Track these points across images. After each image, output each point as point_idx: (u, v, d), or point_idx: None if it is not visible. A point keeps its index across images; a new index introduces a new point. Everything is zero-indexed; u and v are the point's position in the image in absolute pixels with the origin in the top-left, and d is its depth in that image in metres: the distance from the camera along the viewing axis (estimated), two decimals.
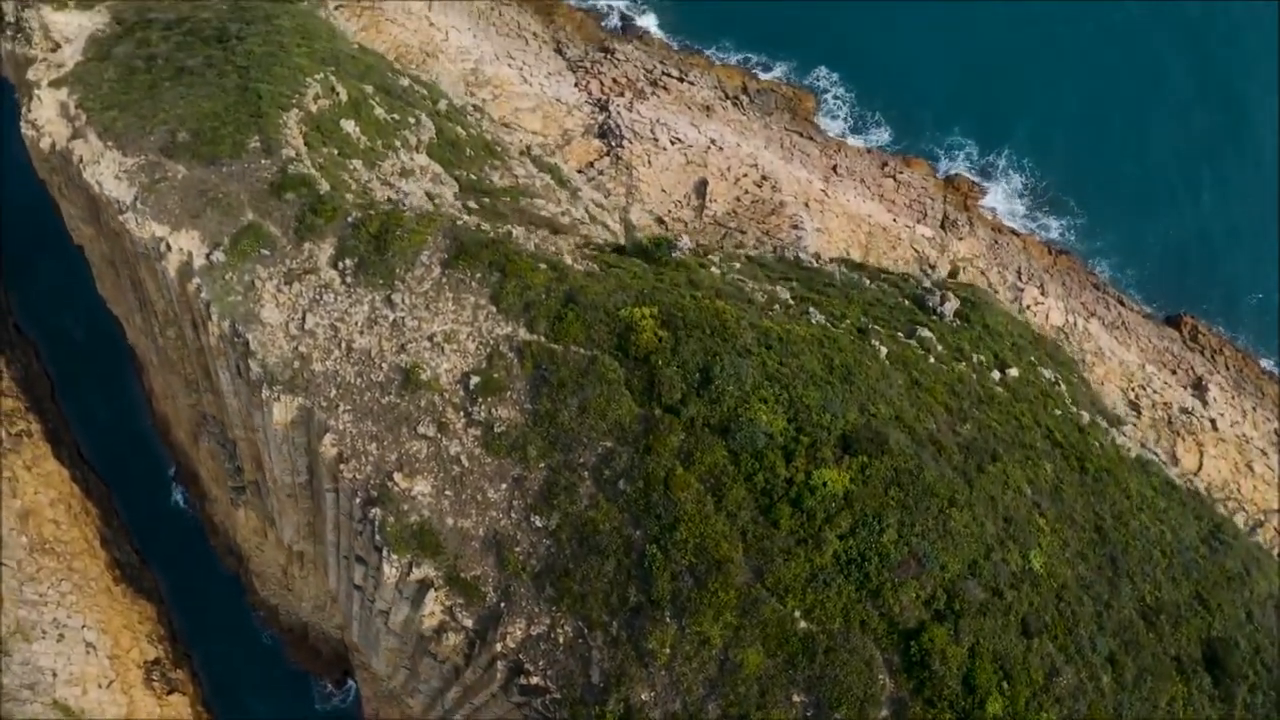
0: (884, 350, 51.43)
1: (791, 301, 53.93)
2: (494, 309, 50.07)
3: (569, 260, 52.00)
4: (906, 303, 59.59)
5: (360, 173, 58.62)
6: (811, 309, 53.06)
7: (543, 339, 49.00)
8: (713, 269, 55.37)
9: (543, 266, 50.60)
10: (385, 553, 48.48)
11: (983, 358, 56.69)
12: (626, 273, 51.41)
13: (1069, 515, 50.67)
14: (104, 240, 66.59)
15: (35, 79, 66.32)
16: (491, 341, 49.52)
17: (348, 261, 51.61)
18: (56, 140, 63.80)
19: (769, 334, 48.48)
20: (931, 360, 53.72)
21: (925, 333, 55.53)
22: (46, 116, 64.95)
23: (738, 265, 57.30)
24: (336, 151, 59.32)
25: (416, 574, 48.45)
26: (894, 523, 44.94)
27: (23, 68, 74.71)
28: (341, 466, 49.76)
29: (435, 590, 48.30)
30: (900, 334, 54.74)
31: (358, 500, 49.86)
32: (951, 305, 59.57)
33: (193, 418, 71.79)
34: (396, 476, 48.62)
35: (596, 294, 49.44)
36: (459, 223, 52.39)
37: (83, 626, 73.05)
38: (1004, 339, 61.08)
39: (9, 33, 73.84)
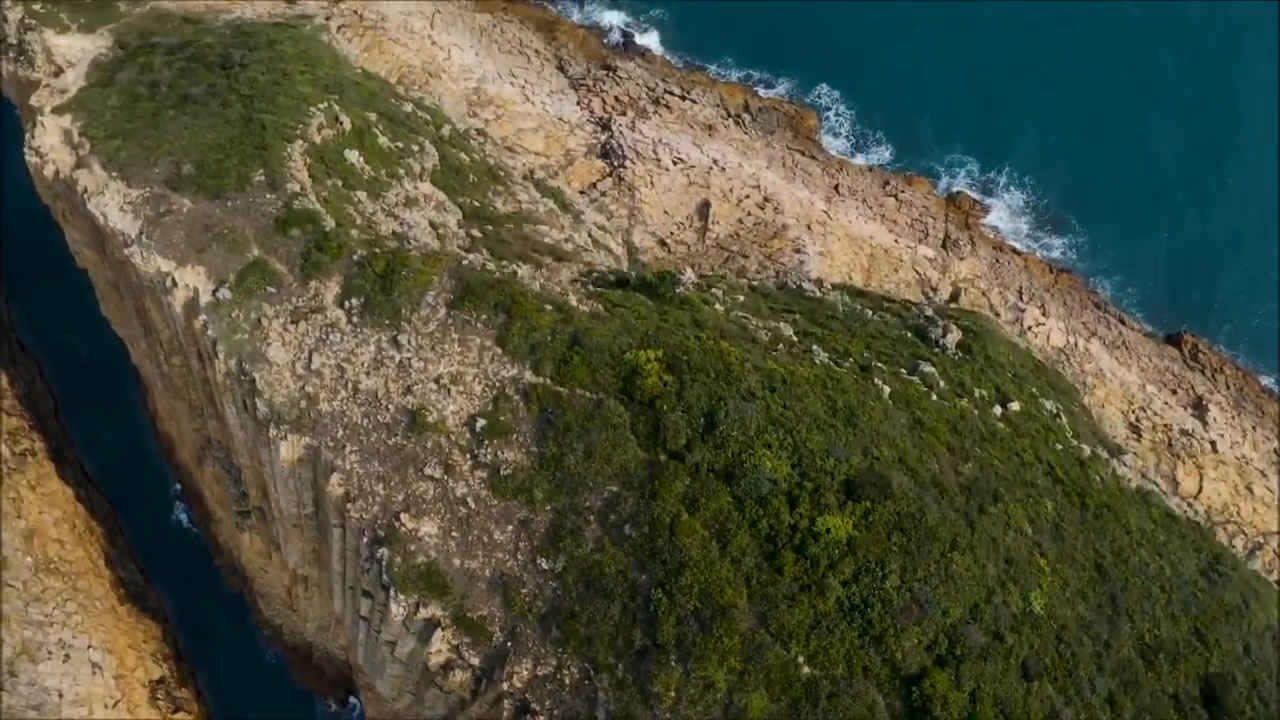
0: (887, 389, 51.73)
1: (795, 338, 54.21)
2: (499, 351, 50.33)
3: (574, 301, 52.22)
4: (909, 334, 59.86)
5: (365, 205, 58.80)
6: (815, 346, 53.36)
7: (548, 382, 49.29)
8: (716, 305, 55.63)
9: (548, 308, 50.85)
10: (393, 592, 48.83)
11: (984, 392, 57.00)
12: (631, 312, 51.65)
13: (1069, 554, 51.08)
14: (108, 267, 66.72)
15: (38, 104, 66.26)
16: (497, 384, 49.80)
17: (354, 301, 51.86)
18: (60, 168, 63.88)
19: (773, 376, 48.78)
20: (934, 397, 53.99)
21: (928, 368, 55.82)
22: (50, 144, 64.98)
23: (741, 298, 57.55)
24: (341, 183, 59.49)
25: (424, 613, 48.78)
26: (896, 568, 45.32)
27: (26, 90, 74.74)
28: (349, 505, 50.06)
29: (442, 629, 48.67)
30: (903, 370, 55.01)
31: (365, 539, 50.18)
32: (954, 336, 59.86)
33: (197, 441, 72.10)
34: (403, 517, 48.97)
35: (602, 336, 49.71)
36: (464, 263, 52.61)
37: (88, 647, 73.44)
38: (1005, 370, 61.34)
39: (11, 54, 74.06)
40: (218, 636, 77.09)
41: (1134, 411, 74.50)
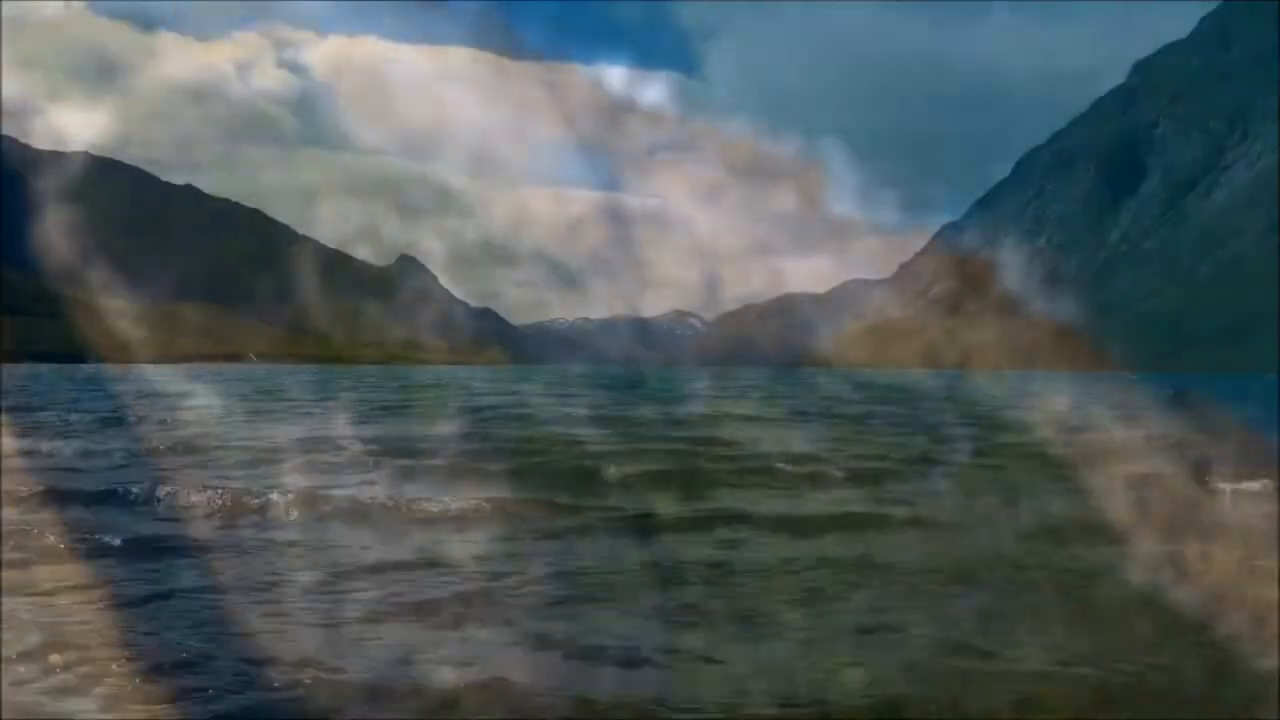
0: (899, 511, 52.17)
1: (807, 453, 54.60)
2: (513, 481, 50.81)
3: (586, 429, 52.60)
4: (919, 431, 60.26)
5: (373, 309, 59.15)
6: (827, 465, 53.75)
7: (563, 513, 49.68)
8: (728, 409, 55.98)
9: (560, 434, 51.29)
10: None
11: (994, 498, 57.37)
12: (643, 438, 52.04)
13: (1078, 677, 51.63)
14: (117, 350, 66.94)
15: (43, 188, 66.11)
16: (511, 518, 50.25)
17: (366, 428, 52.16)
18: (68, 260, 64.05)
19: (787, 516, 49.16)
20: (943, 508, 54.45)
21: (937, 475, 56.26)
22: (57, 233, 64.96)
23: (750, 403, 57.92)
24: (349, 284, 59.80)
25: None
26: None
27: (32, 168, 74.33)
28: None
29: None
30: (914, 480, 55.49)
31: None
32: (963, 432, 60.31)
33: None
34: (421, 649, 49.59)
35: (613, 465, 50.09)
36: (472, 390, 52.88)
37: (103, 715, 74.57)
38: (1014, 459, 61.65)
39: (16, 129, 73.51)
40: (236, 699, 78.11)
41: (1138, 480, 74.64)
